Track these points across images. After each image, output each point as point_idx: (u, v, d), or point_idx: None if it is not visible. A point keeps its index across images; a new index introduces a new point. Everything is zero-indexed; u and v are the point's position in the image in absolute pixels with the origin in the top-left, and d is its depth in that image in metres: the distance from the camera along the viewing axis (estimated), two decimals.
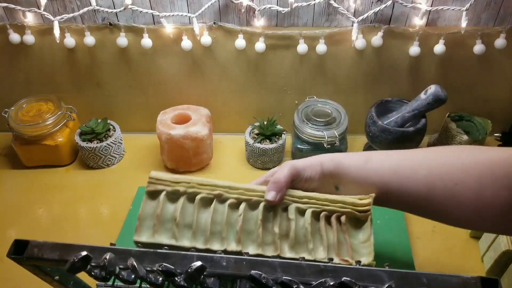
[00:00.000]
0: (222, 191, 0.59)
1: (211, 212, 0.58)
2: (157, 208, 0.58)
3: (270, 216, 0.59)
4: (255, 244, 0.57)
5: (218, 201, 0.59)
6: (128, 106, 0.98)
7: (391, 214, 0.80)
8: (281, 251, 0.57)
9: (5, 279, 0.72)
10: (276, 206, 0.59)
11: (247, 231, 0.58)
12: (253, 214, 0.59)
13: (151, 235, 0.57)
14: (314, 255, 0.57)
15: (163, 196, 0.58)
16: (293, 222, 0.58)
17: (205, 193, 0.59)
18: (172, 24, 0.85)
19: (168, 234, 0.57)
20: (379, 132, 0.84)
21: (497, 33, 0.83)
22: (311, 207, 0.59)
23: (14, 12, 0.85)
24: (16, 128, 0.87)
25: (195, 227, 0.57)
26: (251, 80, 0.93)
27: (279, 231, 0.58)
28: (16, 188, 0.89)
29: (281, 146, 0.90)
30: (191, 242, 0.57)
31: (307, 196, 0.59)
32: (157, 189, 0.59)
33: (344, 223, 0.59)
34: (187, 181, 0.59)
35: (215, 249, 0.56)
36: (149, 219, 0.58)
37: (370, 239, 0.58)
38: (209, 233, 0.57)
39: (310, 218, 0.58)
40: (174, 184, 0.59)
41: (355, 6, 0.82)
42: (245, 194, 0.59)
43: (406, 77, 0.91)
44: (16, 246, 0.46)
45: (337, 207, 0.59)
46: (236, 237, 0.57)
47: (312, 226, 0.58)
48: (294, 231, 0.58)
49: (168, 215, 0.58)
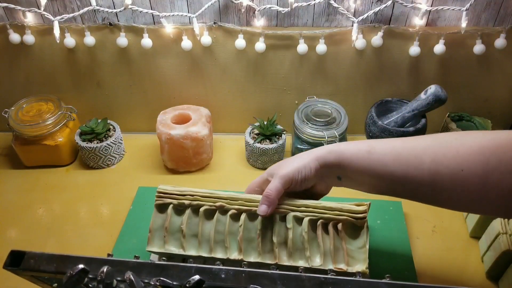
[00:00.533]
0: (224, 202, 0.64)
1: (214, 223, 0.63)
2: (165, 220, 0.64)
3: (269, 225, 0.62)
4: (256, 253, 0.62)
5: (220, 212, 0.64)
6: (128, 106, 0.98)
7: (391, 214, 0.80)
8: (279, 259, 0.60)
9: (5, 279, 0.72)
10: (274, 215, 0.62)
11: (247, 240, 0.62)
12: (253, 224, 0.63)
13: (161, 246, 0.64)
14: (311, 263, 0.59)
15: (170, 209, 0.64)
16: (290, 231, 0.61)
17: (208, 205, 0.64)
18: (172, 24, 0.85)
19: (177, 244, 0.64)
20: (379, 132, 0.84)
21: (497, 33, 0.83)
22: (308, 216, 0.61)
23: (14, 12, 0.85)
24: (16, 128, 0.87)
25: (200, 237, 0.63)
26: (251, 80, 0.93)
27: (278, 239, 0.61)
28: (16, 188, 0.89)
29: (281, 146, 0.90)
30: (197, 251, 0.62)
31: (304, 204, 0.62)
32: (164, 202, 0.65)
33: (341, 230, 0.61)
34: (191, 194, 0.65)
35: (219, 257, 0.61)
36: (159, 231, 0.65)
37: (366, 245, 0.60)
38: (213, 243, 0.62)
39: (307, 226, 0.61)
40: (179, 197, 0.65)
41: (355, 6, 0.82)
42: (245, 204, 0.63)
43: (406, 77, 0.91)
44: (13, 257, 0.46)
45: (334, 215, 0.61)
46: (238, 247, 0.62)
47: (309, 234, 0.61)
48: (291, 239, 0.61)
49: (176, 227, 0.64)
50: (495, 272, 0.70)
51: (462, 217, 0.82)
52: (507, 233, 0.68)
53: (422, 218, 0.82)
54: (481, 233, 0.75)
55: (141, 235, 0.77)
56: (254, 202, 0.62)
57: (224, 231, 0.62)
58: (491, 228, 0.71)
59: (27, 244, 0.78)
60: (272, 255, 0.61)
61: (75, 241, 0.78)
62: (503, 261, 0.67)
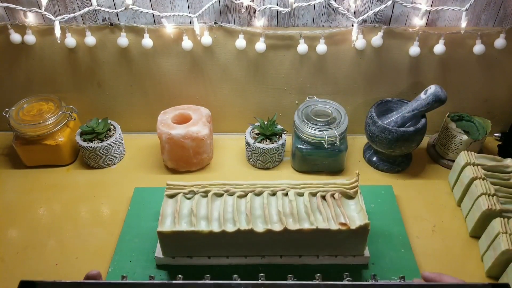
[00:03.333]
0: (230, 187, 0.72)
1: (222, 203, 0.69)
2: (176, 205, 0.69)
3: (273, 200, 0.70)
4: (264, 222, 0.67)
5: (227, 195, 0.71)
6: (129, 106, 0.98)
7: (383, 197, 0.83)
8: (286, 225, 0.65)
9: (6, 279, 0.72)
10: (277, 193, 0.71)
11: (254, 215, 0.68)
12: (259, 202, 0.70)
13: (172, 226, 0.67)
14: (316, 224, 0.65)
15: (181, 195, 0.71)
16: (294, 202, 0.69)
17: (216, 189, 0.71)
18: (173, 24, 0.86)
19: (187, 223, 0.67)
20: (379, 132, 0.84)
21: (497, 33, 0.83)
22: (308, 190, 0.71)
23: (15, 12, 0.85)
24: (17, 128, 0.88)
25: (210, 215, 0.68)
26: (251, 80, 0.93)
27: (283, 211, 0.68)
28: (16, 188, 0.89)
29: (281, 146, 0.90)
30: (208, 227, 0.66)
31: (303, 182, 0.72)
32: (174, 192, 0.71)
33: (338, 199, 0.70)
34: (200, 183, 0.72)
35: (229, 230, 0.65)
36: (169, 214, 0.69)
37: (363, 207, 0.69)
38: (222, 219, 0.67)
39: (308, 197, 0.70)
40: (189, 187, 0.72)
41: (355, 6, 0.82)
42: (249, 187, 0.72)
43: (406, 77, 0.91)
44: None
45: (330, 188, 0.72)
46: (247, 219, 0.67)
47: (310, 203, 0.69)
48: (296, 209, 0.68)
49: (186, 209, 0.69)
50: (495, 272, 0.70)
51: (462, 217, 0.82)
52: (507, 232, 0.68)
53: (422, 217, 0.82)
54: (481, 232, 0.75)
55: (142, 235, 0.77)
56: (257, 185, 0.72)
57: (233, 210, 0.68)
58: (491, 228, 0.72)
59: (27, 244, 0.78)
60: (279, 224, 0.66)
61: (75, 241, 0.78)
62: (503, 260, 0.67)
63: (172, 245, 0.68)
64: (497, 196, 0.75)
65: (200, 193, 0.71)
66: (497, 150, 0.95)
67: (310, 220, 0.66)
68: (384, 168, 0.91)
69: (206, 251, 0.70)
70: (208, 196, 0.70)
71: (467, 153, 0.83)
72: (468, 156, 0.83)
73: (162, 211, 0.68)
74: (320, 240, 0.67)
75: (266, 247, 0.69)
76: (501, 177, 0.80)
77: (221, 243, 0.67)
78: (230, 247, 0.69)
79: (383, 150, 0.87)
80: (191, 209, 0.68)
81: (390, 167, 0.91)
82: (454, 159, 0.87)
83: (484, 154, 0.84)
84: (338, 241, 0.67)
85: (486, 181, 0.77)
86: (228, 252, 0.70)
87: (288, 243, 0.68)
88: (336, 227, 0.65)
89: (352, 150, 0.97)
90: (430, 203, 0.85)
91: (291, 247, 0.69)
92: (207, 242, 0.67)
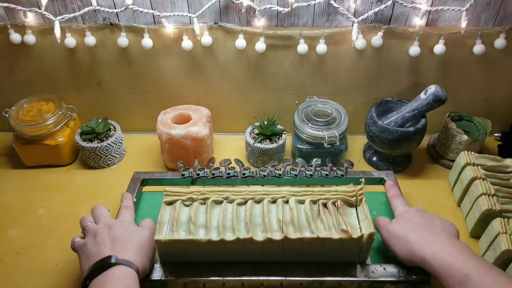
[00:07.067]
0: (230, 194, 0.69)
1: (222, 211, 0.67)
2: (174, 212, 0.67)
3: (274, 208, 0.68)
4: (263, 231, 0.64)
5: (227, 202, 0.68)
6: (129, 106, 0.98)
7: (386, 204, 0.80)
8: (287, 233, 0.63)
9: (6, 279, 0.72)
10: (277, 200, 0.67)
11: (254, 223, 0.66)
12: (258, 210, 0.68)
13: (170, 234, 0.64)
14: (317, 233, 0.63)
15: (179, 203, 0.68)
16: (294, 210, 0.66)
17: (215, 196, 0.68)
18: (173, 24, 0.86)
19: (185, 231, 0.65)
20: (379, 132, 0.84)
21: (497, 33, 0.83)
22: (309, 198, 0.68)
23: (15, 12, 0.85)
24: (17, 128, 0.88)
25: (209, 224, 0.65)
26: (251, 80, 0.93)
27: (283, 219, 0.65)
28: (16, 188, 0.89)
29: (281, 146, 0.90)
30: (206, 236, 0.64)
31: (304, 190, 0.70)
32: (173, 199, 0.69)
33: (340, 207, 0.67)
34: (198, 190, 0.69)
35: (228, 239, 0.62)
36: (167, 222, 0.66)
37: (367, 216, 0.66)
38: (221, 227, 0.64)
39: (309, 205, 0.67)
40: (187, 194, 0.69)
41: (355, 6, 0.82)
42: (249, 194, 0.69)
43: (406, 77, 0.91)
44: None
45: (331, 195, 0.69)
46: (246, 227, 0.65)
47: (312, 211, 0.66)
48: (296, 217, 0.65)
49: (184, 217, 0.67)
50: None
51: (462, 217, 0.82)
52: (507, 233, 0.68)
53: None
54: (481, 233, 0.75)
55: None
56: (258, 191, 0.69)
57: (232, 218, 0.66)
58: (491, 228, 0.72)
59: (27, 244, 0.78)
60: (279, 233, 0.64)
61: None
62: (503, 261, 0.67)
63: (169, 253, 0.65)
64: (497, 196, 0.75)
65: (199, 200, 0.68)
66: (497, 150, 0.95)
67: (311, 228, 0.64)
68: (384, 168, 0.91)
69: (204, 259, 0.67)
70: (207, 204, 0.68)
71: (467, 153, 0.83)
72: (468, 156, 0.83)
73: (159, 218, 0.66)
74: (321, 249, 0.64)
75: (266, 255, 0.66)
76: (501, 177, 0.80)
77: (220, 252, 0.65)
78: (229, 256, 0.66)
79: (383, 150, 0.87)
80: (189, 216, 0.66)
81: (390, 167, 0.91)
82: (454, 159, 0.87)
83: (484, 154, 0.84)
84: (340, 250, 0.65)
85: (486, 181, 0.77)
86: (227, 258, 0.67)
87: (288, 252, 0.65)
88: (337, 236, 0.62)
89: (352, 150, 0.97)
90: (430, 203, 0.85)
91: (291, 255, 0.66)
92: (205, 251, 0.64)
